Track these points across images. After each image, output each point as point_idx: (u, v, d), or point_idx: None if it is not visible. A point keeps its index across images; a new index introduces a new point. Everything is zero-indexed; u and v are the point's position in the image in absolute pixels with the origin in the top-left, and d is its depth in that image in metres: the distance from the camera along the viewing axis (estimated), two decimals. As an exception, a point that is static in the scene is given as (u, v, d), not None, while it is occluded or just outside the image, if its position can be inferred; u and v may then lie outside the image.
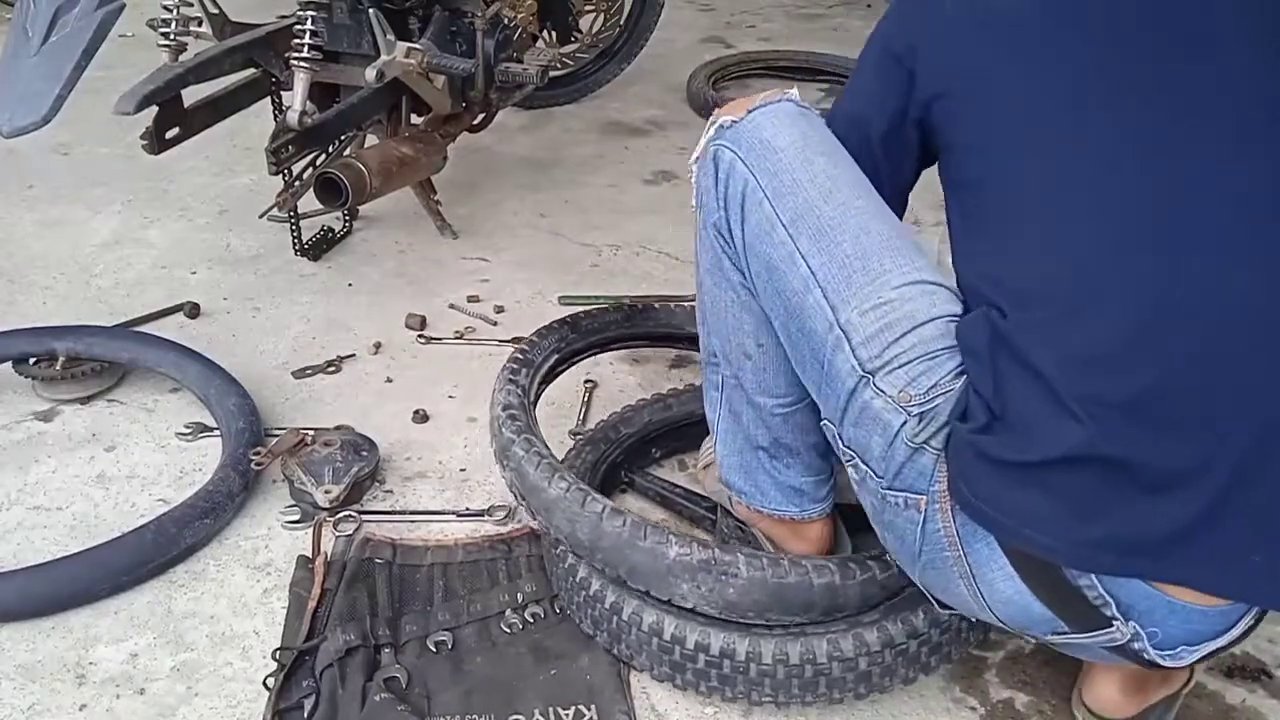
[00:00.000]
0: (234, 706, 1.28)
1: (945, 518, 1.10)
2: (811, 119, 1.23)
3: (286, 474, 1.58)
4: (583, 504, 1.27)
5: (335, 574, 1.44)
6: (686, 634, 1.24)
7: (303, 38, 1.91)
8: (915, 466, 1.11)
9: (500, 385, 1.47)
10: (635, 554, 1.23)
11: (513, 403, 1.43)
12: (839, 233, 1.15)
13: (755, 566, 1.21)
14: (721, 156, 1.22)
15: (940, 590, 1.17)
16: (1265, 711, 1.33)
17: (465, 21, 2.21)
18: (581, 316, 1.66)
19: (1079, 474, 1.00)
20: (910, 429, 1.10)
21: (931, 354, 1.10)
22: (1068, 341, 1.01)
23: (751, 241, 1.21)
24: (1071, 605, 1.07)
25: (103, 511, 1.58)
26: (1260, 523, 0.99)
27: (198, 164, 2.70)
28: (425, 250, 2.37)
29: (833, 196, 1.16)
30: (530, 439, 1.37)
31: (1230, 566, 1.00)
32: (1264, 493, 0.98)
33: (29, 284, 2.18)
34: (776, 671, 1.23)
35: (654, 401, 1.70)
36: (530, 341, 1.58)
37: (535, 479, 1.32)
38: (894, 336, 1.11)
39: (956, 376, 1.08)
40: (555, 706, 1.28)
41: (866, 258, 1.14)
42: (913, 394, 1.10)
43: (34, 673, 1.31)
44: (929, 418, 1.09)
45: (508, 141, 2.96)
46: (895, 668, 1.25)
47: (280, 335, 2.04)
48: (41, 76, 1.71)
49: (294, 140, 1.93)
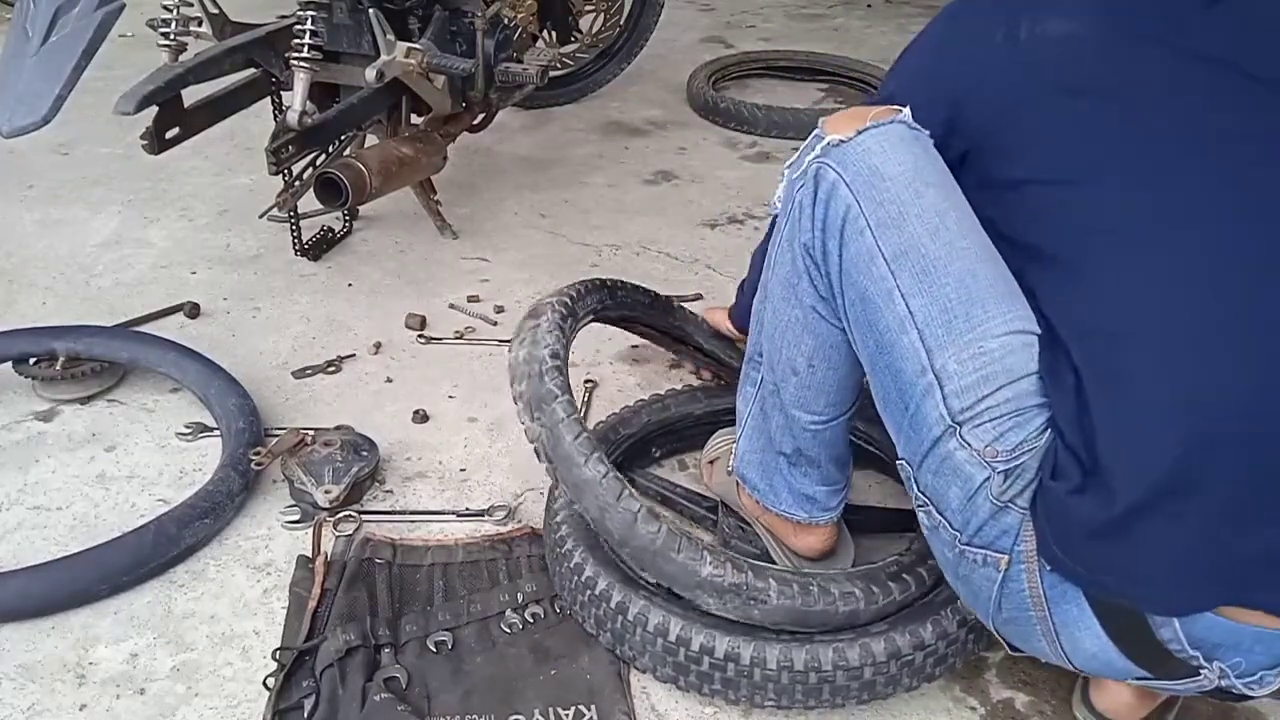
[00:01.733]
0: (234, 706, 1.28)
1: (1032, 578, 1.07)
2: (924, 143, 1.17)
3: (286, 474, 1.58)
4: (618, 497, 1.23)
5: (335, 574, 1.44)
6: (692, 636, 1.24)
7: (303, 38, 1.91)
8: (998, 525, 1.07)
9: (549, 325, 1.34)
10: (668, 565, 1.22)
11: (559, 352, 1.30)
12: (943, 274, 1.10)
13: (786, 594, 1.21)
14: (824, 176, 1.16)
15: (1019, 640, 1.15)
16: (1265, 712, 1.33)
17: (465, 21, 2.21)
18: (619, 285, 1.59)
19: (1161, 519, 0.98)
20: (996, 486, 1.07)
21: (1022, 410, 1.05)
22: (1173, 381, 0.99)
23: (849, 270, 1.16)
24: (1159, 659, 1.05)
25: (103, 511, 1.58)
26: None
27: (198, 164, 2.70)
28: (425, 250, 2.37)
29: (940, 234, 1.11)
30: (571, 401, 1.28)
31: None
32: None
33: (29, 284, 2.18)
34: (781, 677, 1.23)
35: (653, 402, 1.70)
36: (579, 291, 1.47)
37: (570, 449, 1.25)
38: (990, 389, 1.06)
39: (1042, 433, 1.05)
40: (555, 706, 1.28)
41: (970, 303, 1.08)
42: (1000, 450, 1.06)
43: (34, 673, 1.31)
44: (1015, 475, 1.06)
45: (508, 141, 2.96)
46: (899, 677, 1.25)
47: (280, 335, 2.04)
48: (41, 76, 1.71)
49: (294, 140, 1.93)
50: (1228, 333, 0.99)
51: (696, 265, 2.31)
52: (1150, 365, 1.00)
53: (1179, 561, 0.99)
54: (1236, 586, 0.99)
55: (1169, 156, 1.06)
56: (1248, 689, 1.04)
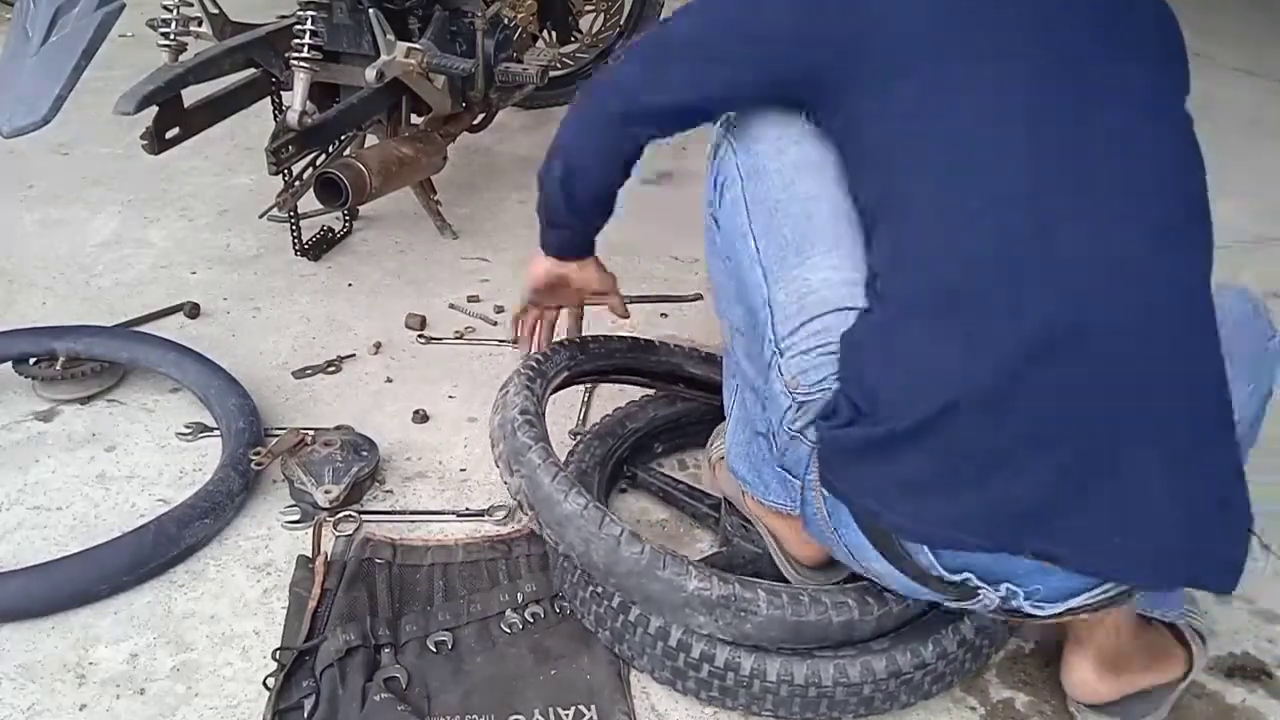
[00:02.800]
0: (234, 706, 1.28)
1: (819, 504, 1.19)
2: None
3: (286, 474, 1.58)
4: (600, 525, 1.23)
5: (335, 574, 1.44)
6: (692, 641, 1.24)
7: (303, 38, 1.91)
8: (794, 454, 1.19)
9: (516, 389, 1.40)
10: (652, 583, 1.20)
11: (529, 408, 1.36)
12: (784, 216, 1.21)
13: (775, 605, 1.19)
14: (721, 146, 1.30)
15: (835, 554, 1.25)
16: (1265, 711, 1.33)
17: (465, 21, 2.21)
18: (590, 340, 1.60)
19: (913, 453, 1.07)
20: (790, 416, 1.18)
21: (828, 345, 1.15)
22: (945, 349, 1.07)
23: (724, 223, 1.29)
24: (928, 580, 1.15)
25: (103, 511, 1.58)
26: (1118, 506, 1.05)
27: (198, 164, 2.70)
28: (425, 250, 2.37)
29: (791, 185, 1.22)
30: (546, 447, 1.31)
31: (1091, 548, 1.07)
32: (1122, 479, 1.04)
33: (29, 284, 2.18)
34: (780, 689, 1.23)
35: (658, 397, 1.70)
36: (544, 354, 1.51)
37: (549, 490, 1.27)
38: (806, 318, 1.16)
39: (839, 376, 1.14)
40: (555, 706, 1.28)
41: (803, 242, 1.19)
42: (801, 384, 1.16)
43: (34, 673, 1.31)
44: (806, 410, 1.17)
45: (508, 141, 2.96)
46: (898, 694, 1.25)
47: (280, 335, 2.04)
48: (41, 76, 1.71)
49: (294, 140, 1.93)
50: (991, 315, 1.06)
51: (697, 265, 2.31)
52: (926, 334, 1.09)
53: (923, 496, 1.09)
54: (967, 528, 1.08)
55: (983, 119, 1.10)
56: (1035, 610, 1.13)
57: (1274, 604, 1.49)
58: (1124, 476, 1.05)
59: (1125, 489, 1.05)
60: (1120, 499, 1.05)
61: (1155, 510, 1.06)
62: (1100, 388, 1.04)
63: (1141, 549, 1.07)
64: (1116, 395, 1.05)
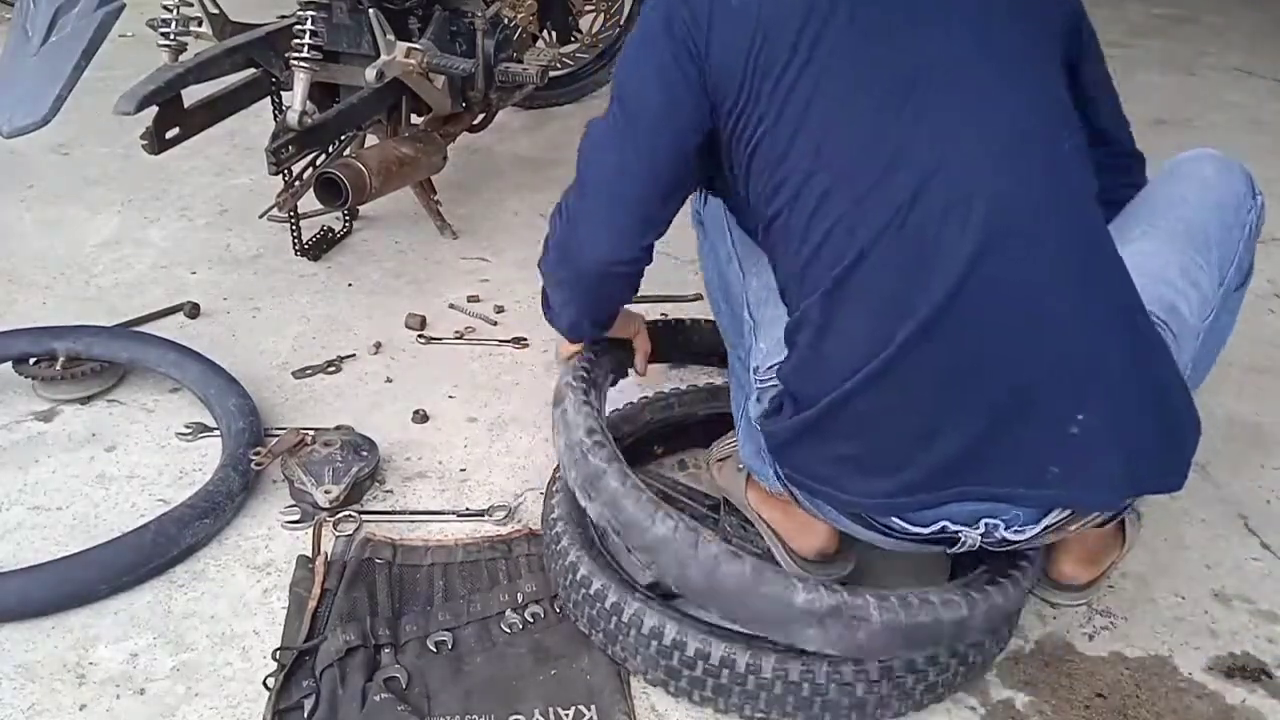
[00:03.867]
0: (234, 706, 1.28)
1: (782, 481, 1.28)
2: None
3: (286, 474, 1.58)
4: (695, 546, 1.18)
5: (335, 574, 1.44)
6: (687, 640, 1.24)
7: (303, 38, 1.91)
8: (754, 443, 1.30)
9: (574, 406, 1.33)
10: (758, 601, 1.15)
11: (595, 426, 1.30)
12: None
13: (888, 609, 1.15)
14: None
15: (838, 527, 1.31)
16: (1265, 711, 1.33)
17: (465, 21, 2.21)
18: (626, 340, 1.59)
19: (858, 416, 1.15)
20: (753, 407, 1.25)
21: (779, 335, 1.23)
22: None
23: (708, 223, 1.43)
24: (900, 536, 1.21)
25: (103, 511, 1.58)
26: (1044, 440, 1.10)
27: (198, 164, 2.70)
28: (425, 250, 2.37)
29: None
30: (623, 469, 1.25)
31: (1033, 483, 1.12)
32: (1040, 416, 1.09)
33: (29, 284, 2.18)
34: (774, 687, 1.22)
35: (655, 400, 1.70)
36: (590, 360, 1.46)
37: (633, 514, 1.21)
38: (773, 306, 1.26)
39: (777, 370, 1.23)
40: (555, 706, 1.28)
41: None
42: (760, 368, 1.25)
43: (34, 673, 1.31)
44: (761, 400, 1.25)
45: (508, 141, 2.96)
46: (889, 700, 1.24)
47: (280, 335, 2.04)
48: (41, 76, 1.71)
49: (294, 140, 1.93)
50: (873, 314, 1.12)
51: (697, 265, 2.30)
52: (826, 325, 1.15)
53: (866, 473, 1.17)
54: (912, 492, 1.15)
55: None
56: (1016, 537, 1.18)
57: (1274, 604, 1.49)
58: (1042, 413, 1.09)
59: (1046, 423, 1.10)
60: (1044, 434, 1.10)
61: (1086, 436, 1.10)
62: (995, 338, 1.08)
63: (1081, 474, 1.11)
64: (1013, 342, 1.09)
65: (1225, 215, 1.28)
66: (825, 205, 1.12)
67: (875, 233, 1.09)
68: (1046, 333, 1.09)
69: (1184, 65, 3.82)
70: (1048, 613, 1.46)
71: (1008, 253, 1.07)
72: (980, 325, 1.08)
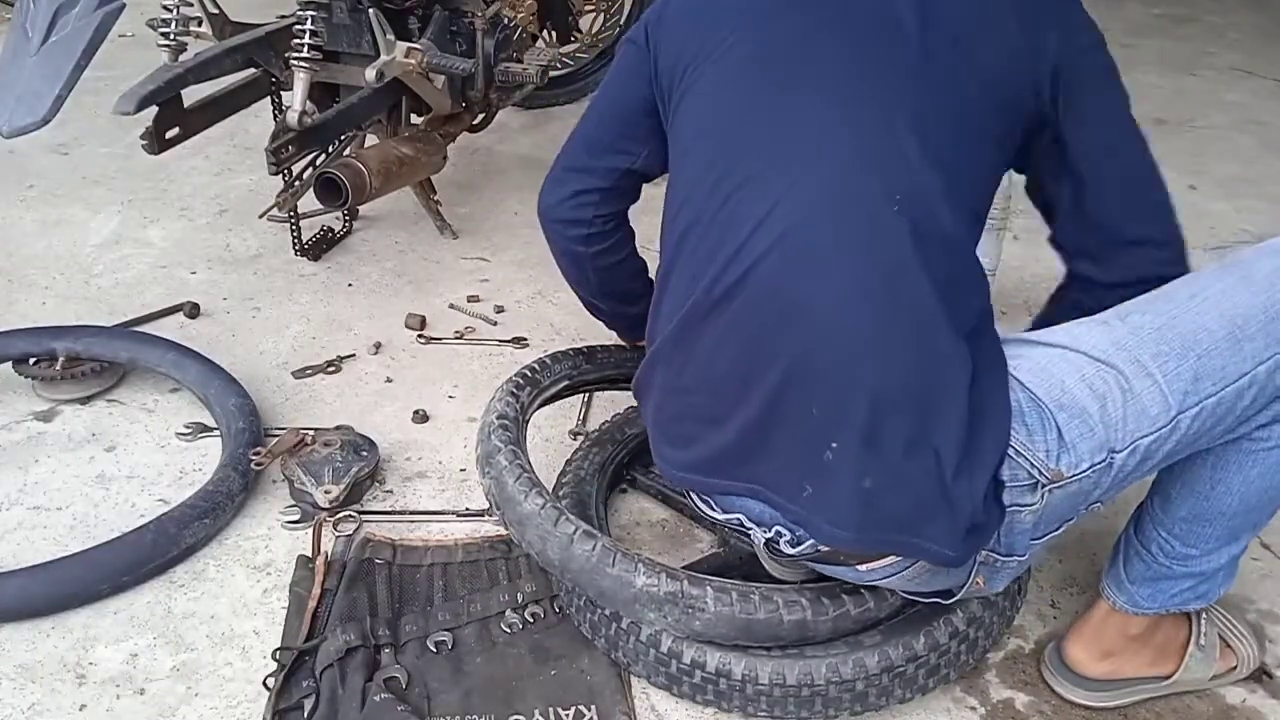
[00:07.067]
0: (234, 706, 1.28)
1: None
2: None
3: (286, 474, 1.58)
4: (555, 523, 1.26)
5: (335, 574, 1.44)
6: (683, 648, 1.24)
7: (303, 38, 1.91)
8: None
9: (500, 396, 1.46)
10: (603, 579, 1.22)
11: (508, 414, 1.42)
12: None
13: (724, 601, 1.20)
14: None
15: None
16: (1265, 711, 1.33)
17: (465, 21, 2.21)
18: (597, 349, 1.61)
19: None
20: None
21: None
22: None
23: None
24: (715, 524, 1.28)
25: (103, 511, 1.58)
26: (801, 458, 1.11)
27: (198, 164, 2.70)
28: (425, 250, 2.37)
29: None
30: (516, 451, 1.36)
31: (788, 494, 1.13)
32: (799, 433, 1.10)
33: (29, 284, 2.18)
34: (773, 691, 1.22)
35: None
36: (541, 363, 1.54)
37: (512, 490, 1.31)
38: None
39: None
40: (555, 707, 1.28)
41: None
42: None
43: (34, 673, 1.31)
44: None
45: (508, 141, 2.96)
46: (892, 689, 1.25)
47: (280, 335, 2.04)
48: (41, 76, 1.71)
49: (294, 140, 1.93)
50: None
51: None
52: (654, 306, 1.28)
53: (670, 445, 1.26)
54: (694, 470, 1.23)
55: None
56: (789, 549, 1.18)
57: (1274, 604, 1.49)
58: (804, 428, 1.09)
59: (807, 439, 1.09)
60: (804, 449, 1.10)
61: (838, 465, 1.08)
62: (773, 332, 1.10)
63: (826, 503, 1.10)
64: (787, 342, 1.10)
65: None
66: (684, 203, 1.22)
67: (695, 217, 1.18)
68: (823, 351, 1.08)
69: (1184, 65, 3.82)
70: (1048, 613, 1.46)
71: (798, 259, 1.10)
72: (760, 314, 1.12)
